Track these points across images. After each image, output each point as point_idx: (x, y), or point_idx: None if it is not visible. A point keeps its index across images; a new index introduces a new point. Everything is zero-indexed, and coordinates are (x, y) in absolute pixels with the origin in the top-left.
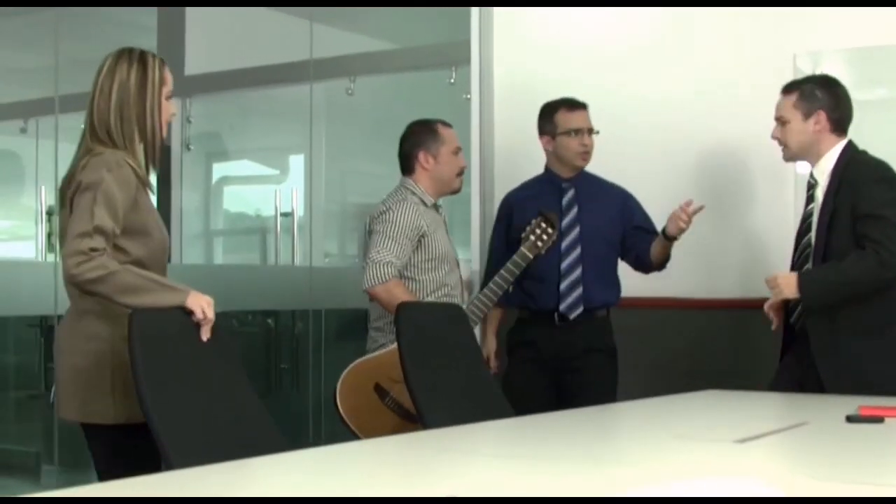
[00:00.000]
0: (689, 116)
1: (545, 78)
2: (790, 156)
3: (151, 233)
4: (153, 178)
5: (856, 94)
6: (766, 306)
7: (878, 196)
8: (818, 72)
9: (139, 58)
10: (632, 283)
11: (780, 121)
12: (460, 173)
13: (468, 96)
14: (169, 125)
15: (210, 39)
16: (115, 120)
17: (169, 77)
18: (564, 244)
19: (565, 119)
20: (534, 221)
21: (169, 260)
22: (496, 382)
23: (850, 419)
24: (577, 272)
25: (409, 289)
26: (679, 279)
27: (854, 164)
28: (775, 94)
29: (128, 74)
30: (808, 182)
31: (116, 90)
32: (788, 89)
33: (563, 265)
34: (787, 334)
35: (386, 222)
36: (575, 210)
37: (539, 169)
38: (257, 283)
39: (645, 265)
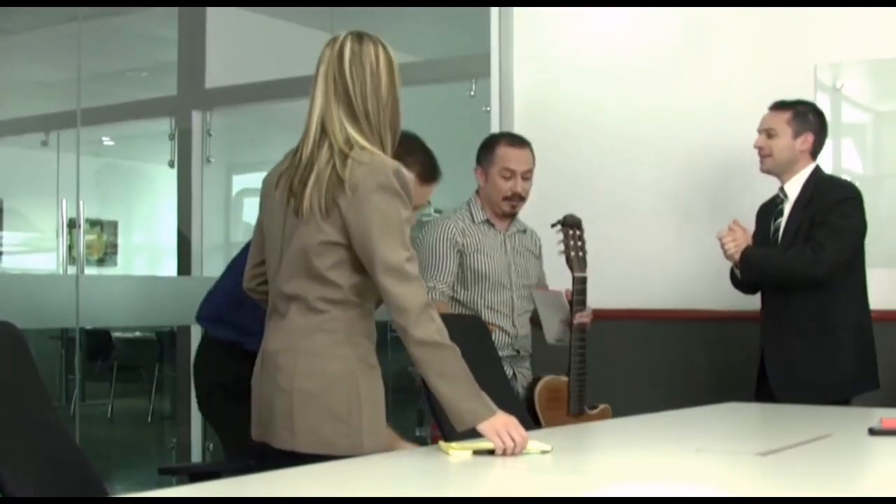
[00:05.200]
0: (707, 129)
1: (564, 90)
2: (769, 167)
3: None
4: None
5: (877, 106)
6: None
7: (839, 209)
8: (839, 83)
9: (380, 41)
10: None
11: (769, 133)
12: (508, 198)
13: (488, 108)
14: None
15: (230, 52)
16: (373, 106)
17: None
18: None
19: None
20: (563, 233)
21: (189, 272)
22: (518, 395)
23: (872, 432)
24: None
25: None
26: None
27: (827, 182)
28: None
29: (376, 58)
30: (778, 196)
31: (370, 76)
32: (782, 106)
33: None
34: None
35: (420, 246)
36: None
37: (562, 182)
38: None
39: None
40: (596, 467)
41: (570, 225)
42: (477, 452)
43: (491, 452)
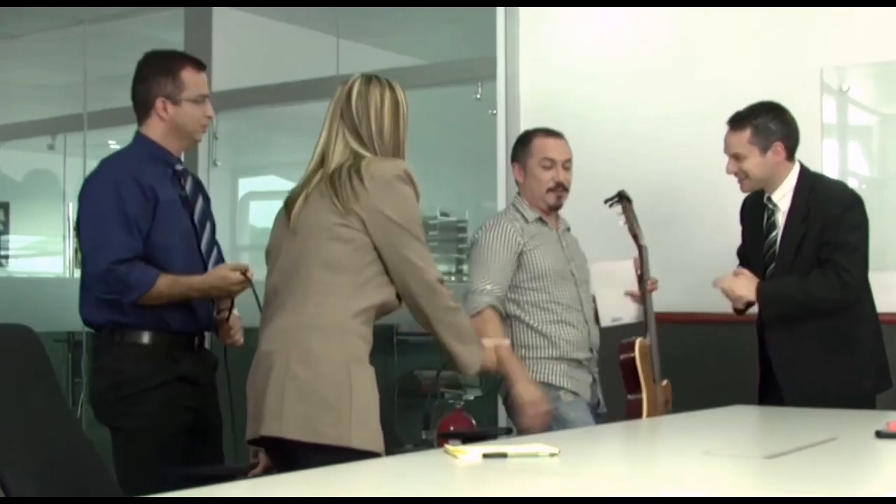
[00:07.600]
0: (713, 133)
1: (571, 92)
2: (750, 187)
3: None
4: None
5: (883, 108)
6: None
7: (846, 222)
8: (844, 86)
9: (388, 84)
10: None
11: (736, 157)
12: (552, 188)
13: (494, 112)
14: None
15: (236, 56)
16: (378, 144)
17: None
18: None
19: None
20: (622, 207)
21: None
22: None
23: (879, 434)
24: None
25: (510, 311)
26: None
27: (822, 189)
28: (802, 109)
29: (381, 100)
30: (767, 208)
31: (374, 118)
32: (739, 125)
33: None
34: (764, 356)
35: (477, 245)
36: None
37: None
38: None
39: None
40: (603, 470)
41: (625, 198)
42: (487, 456)
43: (500, 456)
